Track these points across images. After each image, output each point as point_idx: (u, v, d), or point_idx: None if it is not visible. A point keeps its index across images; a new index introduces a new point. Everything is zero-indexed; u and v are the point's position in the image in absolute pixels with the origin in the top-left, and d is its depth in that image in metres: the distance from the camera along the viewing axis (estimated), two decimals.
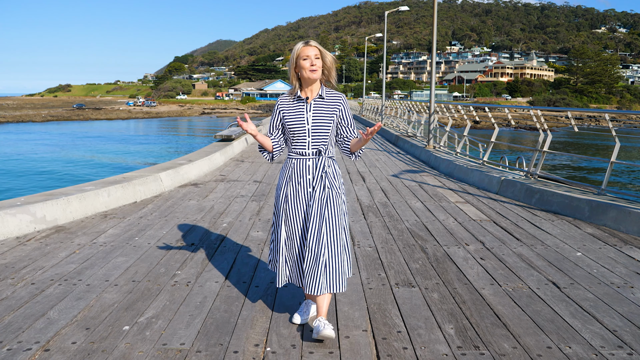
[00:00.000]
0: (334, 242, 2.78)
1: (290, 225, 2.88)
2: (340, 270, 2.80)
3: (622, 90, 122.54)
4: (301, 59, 2.76)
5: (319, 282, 2.74)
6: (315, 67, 2.75)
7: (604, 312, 3.20)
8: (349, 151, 2.94)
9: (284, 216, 2.89)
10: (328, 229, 2.77)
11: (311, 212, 2.81)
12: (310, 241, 2.78)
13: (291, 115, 2.85)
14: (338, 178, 2.91)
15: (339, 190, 2.87)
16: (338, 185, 2.88)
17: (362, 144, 2.82)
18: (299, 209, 2.86)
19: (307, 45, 2.77)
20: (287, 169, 2.91)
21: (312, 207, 2.81)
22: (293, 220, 2.87)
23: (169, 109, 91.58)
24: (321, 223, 2.78)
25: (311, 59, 2.75)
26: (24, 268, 3.91)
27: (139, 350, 2.65)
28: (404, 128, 18.45)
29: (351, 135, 2.92)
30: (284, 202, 2.89)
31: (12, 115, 63.43)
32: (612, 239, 4.91)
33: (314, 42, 2.78)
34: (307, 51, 2.76)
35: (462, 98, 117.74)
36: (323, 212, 2.79)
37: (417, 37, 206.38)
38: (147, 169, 7.82)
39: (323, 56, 2.78)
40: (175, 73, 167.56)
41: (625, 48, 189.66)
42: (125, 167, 23.15)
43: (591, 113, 64.56)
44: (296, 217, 2.87)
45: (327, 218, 2.78)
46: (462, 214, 5.97)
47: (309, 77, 2.77)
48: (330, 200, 2.80)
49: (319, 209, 2.80)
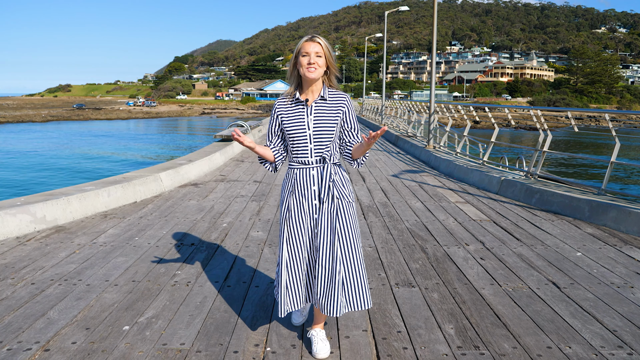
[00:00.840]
0: (350, 256, 2.53)
1: (293, 243, 2.58)
2: (360, 285, 2.56)
3: (622, 90, 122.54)
4: (301, 55, 2.47)
5: (338, 302, 2.50)
6: (313, 66, 2.45)
7: (604, 312, 3.20)
8: (350, 157, 2.64)
9: (287, 234, 2.59)
10: (341, 242, 2.52)
11: (320, 227, 2.53)
12: (322, 259, 2.52)
13: (290, 120, 2.54)
14: (347, 186, 2.61)
15: (349, 199, 2.59)
16: (348, 193, 2.60)
17: (364, 149, 2.50)
18: (304, 225, 2.57)
19: (310, 41, 2.46)
20: (289, 180, 2.61)
21: (321, 222, 2.53)
22: (297, 239, 2.58)
23: (169, 109, 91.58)
24: (333, 237, 2.52)
25: (310, 56, 2.45)
26: (24, 268, 3.91)
27: (139, 350, 2.65)
28: (404, 128, 18.44)
29: (355, 140, 2.62)
30: (286, 217, 2.59)
31: (12, 115, 63.43)
32: (612, 239, 4.91)
33: (319, 38, 2.47)
34: (308, 47, 2.45)
35: (462, 98, 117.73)
36: (334, 225, 2.52)
37: (417, 37, 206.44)
38: (147, 169, 7.82)
39: (326, 55, 2.48)
40: (175, 73, 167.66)
41: (625, 48, 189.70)
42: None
43: (591, 113, 64.50)
44: (301, 234, 2.57)
45: (340, 231, 2.52)
46: (462, 214, 5.97)
47: (305, 76, 2.47)
48: (341, 212, 2.54)
49: (329, 222, 2.53)
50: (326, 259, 2.52)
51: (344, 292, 2.53)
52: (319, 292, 2.53)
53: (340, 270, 2.51)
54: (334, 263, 2.51)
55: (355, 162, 2.64)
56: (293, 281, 2.59)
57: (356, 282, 2.55)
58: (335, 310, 2.51)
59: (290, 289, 2.59)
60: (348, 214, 2.56)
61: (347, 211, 2.56)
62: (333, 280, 2.51)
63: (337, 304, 2.51)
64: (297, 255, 2.59)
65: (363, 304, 2.57)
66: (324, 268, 2.52)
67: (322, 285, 2.52)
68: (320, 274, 2.53)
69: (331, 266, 2.51)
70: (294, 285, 2.60)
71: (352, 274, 2.54)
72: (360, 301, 2.56)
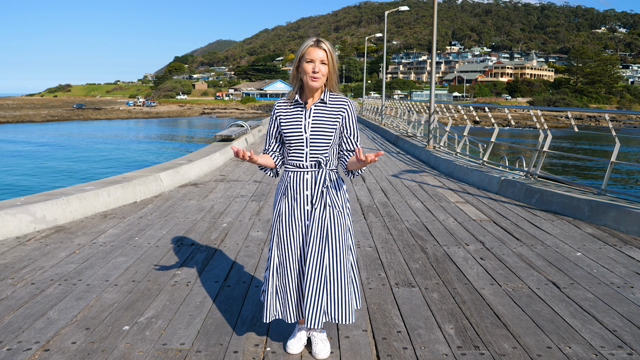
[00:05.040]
0: (337, 267, 2.44)
1: (283, 248, 2.50)
2: (344, 299, 2.45)
3: (622, 90, 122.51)
4: (305, 61, 2.38)
5: (319, 313, 2.43)
6: (317, 75, 2.37)
7: (604, 312, 3.20)
8: (345, 168, 2.54)
9: (277, 239, 2.52)
10: (330, 251, 2.44)
11: (310, 233, 2.45)
12: (311, 266, 2.43)
13: (288, 122, 2.47)
14: (342, 195, 2.53)
15: (342, 210, 2.50)
16: (341, 203, 2.51)
17: (359, 165, 2.37)
18: (295, 231, 2.49)
19: (316, 47, 2.36)
20: (283, 183, 2.54)
21: (312, 228, 2.45)
22: (287, 244, 2.50)
23: (169, 109, 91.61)
24: (323, 245, 2.44)
25: (315, 63, 2.36)
26: (24, 268, 3.91)
27: (139, 350, 2.65)
28: (404, 128, 18.44)
29: (352, 149, 2.51)
30: (277, 222, 2.53)
31: (12, 115, 63.42)
32: (612, 239, 4.91)
33: (325, 44, 2.38)
34: (314, 54, 2.36)
35: (462, 98, 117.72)
36: (324, 232, 2.44)
37: (417, 37, 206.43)
38: (147, 169, 7.82)
39: (330, 62, 2.39)
40: (175, 73, 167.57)
41: (625, 48, 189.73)
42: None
43: (591, 113, 64.53)
44: (291, 239, 2.49)
45: (329, 239, 2.44)
46: (462, 214, 5.97)
47: (310, 84, 2.39)
48: (332, 220, 2.45)
49: (319, 229, 2.44)
50: (314, 266, 2.43)
51: (327, 303, 2.45)
52: (305, 301, 2.44)
53: (325, 280, 2.43)
54: (320, 271, 2.43)
55: (350, 174, 2.53)
56: (282, 289, 2.51)
57: (341, 294, 2.45)
58: (315, 321, 2.42)
59: (279, 295, 2.52)
60: (338, 223, 2.47)
61: (337, 220, 2.47)
62: (317, 292, 2.42)
63: (319, 315, 2.43)
64: (286, 260, 2.50)
65: (343, 318, 2.46)
66: (311, 276, 2.43)
67: (308, 293, 2.43)
68: (307, 281, 2.43)
69: (317, 274, 2.43)
70: (282, 293, 2.52)
71: (337, 285, 2.45)
72: (342, 315, 2.46)
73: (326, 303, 2.45)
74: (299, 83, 2.48)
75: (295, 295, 2.51)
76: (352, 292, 2.53)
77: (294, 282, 2.51)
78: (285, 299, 2.51)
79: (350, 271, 2.55)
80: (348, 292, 2.48)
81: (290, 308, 2.52)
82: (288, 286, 2.50)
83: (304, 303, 2.44)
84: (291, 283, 2.50)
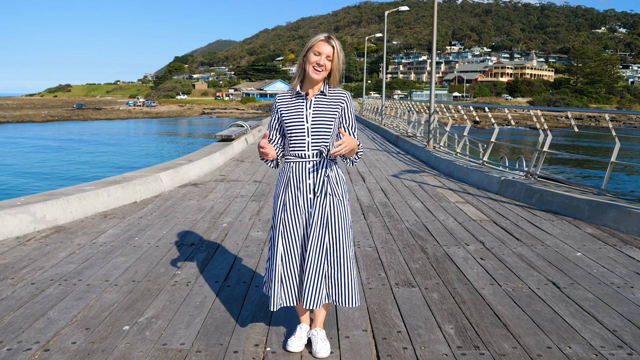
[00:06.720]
0: (338, 253, 2.54)
1: (289, 237, 2.57)
2: (346, 282, 2.55)
3: (622, 90, 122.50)
4: (312, 52, 2.48)
5: (319, 294, 2.51)
6: (320, 68, 2.47)
7: (604, 312, 3.20)
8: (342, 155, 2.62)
9: (282, 227, 2.58)
10: (331, 236, 2.53)
11: (312, 220, 2.54)
12: (311, 250, 2.52)
13: (289, 113, 2.56)
14: (341, 185, 2.62)
15: (341, 197, 2.59)
16: (341, 192, 2.60)
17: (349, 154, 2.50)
18: (299, 219, 2.57)
19: (326, 42, 2.47)
20: (285, 174, 2.62)
21: (314, 215, 2.54)
22: (292, 232, 2.57)
23: (168, 109, 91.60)
24: (323, 231, 2.53)
25: (322, 57, 2.47)
26: (24, 268, 3.91)
27: (139, 350, 2.65)
28: (404, 128, 18.44)
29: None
30: (282, 212, 2.58)
31: (12, 115, 63.44)
32: (612, 239, 4.91)
33: (334, 41, 2.49)
34: (322, 48, 2.46)
35: (462, 98, 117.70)
36: (325, 219, 2.54)
37: (417, 37, 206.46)
38: (147, 169, 7.82)
39: (336, 59, 2.50)
40: (175, 73, 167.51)
41: (625, 48, 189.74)
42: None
43: (591, 113, 64.49)
44: (296, 227, 2.57)
45: (330, 226, 2.53)
46: (462, 214, 5.97)
47: (310, 75, 2.49)
48: (332, 208, 2.55)
49: (320, 216, 2.54)
50: (315, 250, 2.52)
51: (326, 286, 2.55)
52: (304, 283, 2.53)
53: (325, 265, 2.53)
54: (320, 257, 2.52)
55: (348, 160, 2.59)
56: (288, 275, 2.58)
57: (342, 278, 2.55)
58: (314, 301, 2.51)
59: (285, 282, 2.58)
60: (339, 211, 2.57)
61: (338, 208, 2.56)
62: (318, 273, 2.52)
63: (319, 296, 2.52)
64: (292, 249, 2.58)
65: (349, 300, 2.56)
66: (311, 261, 2.52)
67: (308, 276, 2.51)
68: (307, 267, 2.52)
69: (317, 260, 2.52)
70: (288, 280, 2.58)
71: (337, 270, 2.54)
72: (345, 297, 2.55)
73: (329, 286, 2.55)
74: (303, 73, 2.56)
75: (298, 281, 2.60)
76: (354, 278, 2.59)
77: (298, 268, 2.59)
78: (290, 285, 2.59)
79: (352, 259, 2.62)
80: (350, 276, 2.57)
81: (293, 293, 2.59)
82: (293, 272, 2.58)
83: (303, 285, 2.53)
84: (295, 270, 2.59)
